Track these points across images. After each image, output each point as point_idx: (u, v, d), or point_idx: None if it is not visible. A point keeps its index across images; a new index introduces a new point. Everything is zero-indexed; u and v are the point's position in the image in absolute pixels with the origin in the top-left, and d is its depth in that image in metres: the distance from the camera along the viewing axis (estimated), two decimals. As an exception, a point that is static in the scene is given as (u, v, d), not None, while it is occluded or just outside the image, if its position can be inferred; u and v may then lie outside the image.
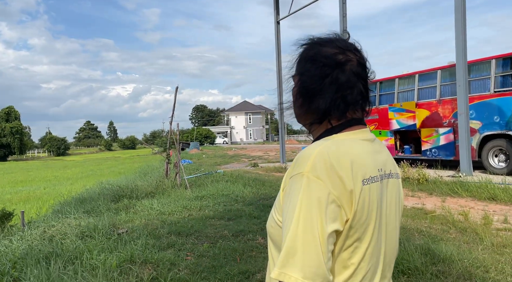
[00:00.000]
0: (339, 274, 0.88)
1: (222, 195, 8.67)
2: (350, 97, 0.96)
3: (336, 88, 0.95)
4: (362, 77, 0.98)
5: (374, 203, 0.90)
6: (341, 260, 0.88)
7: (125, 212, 7.18)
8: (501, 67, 10.65)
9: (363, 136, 0.98)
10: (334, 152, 0.87)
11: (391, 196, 0.99)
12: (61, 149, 72.13)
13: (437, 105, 12.10)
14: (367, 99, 1.01)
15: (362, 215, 0.86)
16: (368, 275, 0.91)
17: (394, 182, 1.02)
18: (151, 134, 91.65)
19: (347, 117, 0.97)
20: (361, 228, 0.87)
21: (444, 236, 5.08)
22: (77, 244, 4.62)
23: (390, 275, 1.03)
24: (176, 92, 11.35)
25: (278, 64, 18.69)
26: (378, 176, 0.93)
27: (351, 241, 0.87)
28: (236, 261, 4.41)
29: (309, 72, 0.98)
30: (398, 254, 1.08)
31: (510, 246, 4.48)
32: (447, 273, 3.72)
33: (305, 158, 0.87)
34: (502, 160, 10.60)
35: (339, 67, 0.95)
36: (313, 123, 1.01)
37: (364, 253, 0.89)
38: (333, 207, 0.82)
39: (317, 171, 0.84)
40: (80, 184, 13.83)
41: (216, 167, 17.86)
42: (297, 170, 0.87)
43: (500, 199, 7.19)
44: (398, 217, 1.03)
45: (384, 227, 0.95)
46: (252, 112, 76.42)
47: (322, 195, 0.82)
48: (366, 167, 0.89)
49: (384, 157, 1.01)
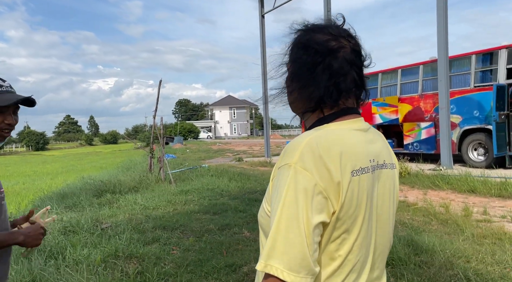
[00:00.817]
0: (326, 266, 0.87)
1: (207, 190, 8.63)
2: (343, 84, 0.93)
3: (329, 76, 0.93)
4: (356, 64, 0.96)
5: (364, 195, 0.88)
6: (328, 252, 0.87)
7: (109, 207, 7.07)
8: (481, 62, 10.90)
9: (356, 125, 0.96)
10: (323, 142, 0.85)
11: (383, 187, 0.97)
12: (40, 144, 70.40)
13: (419, 100, 12.31)
14: (362, 87, 0.99)
15: (350, 207, 0.85)
16: (357, 266, 0.90)
17: (388, 172, 1.00)
18: (134, 129, 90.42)
19: (339, 106, 0.95)
20: (349, 220, 0.86)
21: (426, 228, 5.18)
22: (60, 239, 4.53)
23: (383, 266, 1.02)
24: (159, 86, 11.21)
25: (262, 58, 18.65)
26: (370, 167, 0.91)
27: (339, 233, 0.86)
28: (222, 255, 4.40)
29: (301, 59, 0.96)
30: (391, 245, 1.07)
31: (489, 236, 4.60)
32: (430, 263, 3.79)
33: (294, 149, 0.86)
34: (481, 154, 10.87)
35: (331, 54, 0.93)
36: (306, 111, 0.99)
37: (352, 245, 0.88)
38: (320, 199, 0.81)
39: (305, 162, 0.82)
40: (61, 179, 13.54)
41: (200, 161, 17.77)
42: (285, 160, 0.85)
43: (479, 192, 7.38)
44: (392, 208, 1.01)
45: (375, 218, 0.93)
46: (237, 106, 76.20)
47: (309, 186, 0.81)
48: (356, 158, 0.88)
49: (378, 147, 0.99)
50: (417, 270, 3.65)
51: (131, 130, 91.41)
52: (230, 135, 71.41)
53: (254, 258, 4.21)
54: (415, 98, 12.43)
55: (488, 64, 10.77)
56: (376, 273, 0.98)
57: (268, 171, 12.94)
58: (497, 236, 4.60)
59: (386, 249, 1.01)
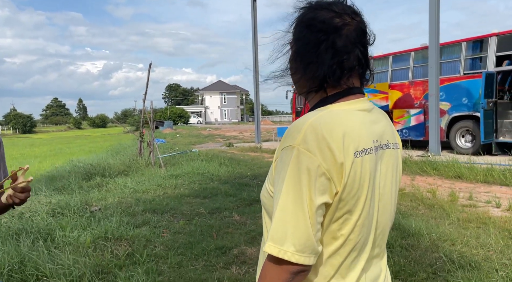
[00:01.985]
0: (328, 245, 0.88)
1: (197, 174, 8.63)
2: (347, 63, 0.92)
3: (333, 54, 0.91)
4: (360, 42, 0.94)
5: (366, 176, 0.89)
6: (331, 231, 0.88)
7: (98, 190, 7.04)
8: (471, 50, 10.96)
9: (359, 106, 0.95)
10: (326, 123, 0.85)
11: (386, 167, 0.97)
12: (27, 127, 69.34)
13: (409, 87, 12.37)
14: (366, 66, 0.97)
15: (352, 188, 0.85)
16: (358, 245, 0.91)
17: (391, 152, 1.00)
18: (123, 113, 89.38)
19: (343, 85, 0.94)
20: (351, 201, 0.86)
21: (413, 212, 5.28)
22: (48, 221, 4.51)
23: (384, 244, 1.03)
24: (149, 69, 11.06)
25: (254, 43, 18.47)
26: (373, 147, 0.91)
27: (341, 213, 0.86)
28: (212, 237, 4.44)
29: (305, 38, 0.94)
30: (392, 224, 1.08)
31: (474, 221, 4.71)
32: (416, 246, 3.88)
33: (297, 130, 0.85)
34: (468, 141, 11.03)
35: (335, 32, 0.92)
36: (309, 91, 0.98)
37: (354, 225, 0.88)
38: (323, 180, 0.82)
39: (308, 143, 0.82)
40: (49, 162, 13.41)
41: (191, 146, 17.71)
42: (288, 142, 0.85)
43: (465, 178, 7.52)
44: (395, 188, 1.02)
45: (377, 198, 0.94)
46: (227, 92, 75.72)
47: (312, 167, 0.81)
48: (359, 139, 0.87)
49: (382, 127, 0.98)
50: (403, 253, 3.73)
51: (120, 114, 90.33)
52: (220, 121, 71.14)
53: (244, 241, 4.26)
54: (405, 85, 12.48)
55: (478, 52, 10.83)
56: (377, 251, 0.99)
57: (258, 156, 12.97)
58: (481, 220, 4.70)
59: (387, 228, 1.03)
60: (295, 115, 18.43)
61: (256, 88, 19.09)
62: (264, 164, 10.57)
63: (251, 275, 3.43)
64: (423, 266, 3.40)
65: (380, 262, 1.03)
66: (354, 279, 0.92)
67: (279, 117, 74.99)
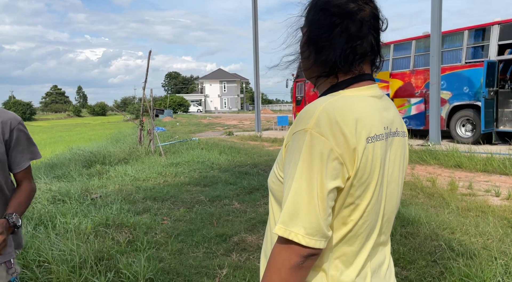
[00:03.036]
0: (337, 230, 0.88)
1: (197, 162, 8.64)
2: (360, 48, 0.92)
3: (346, 39, 0.91)
4: (374, 28, 0.94)
5: (377, 162, 0.88)
6: (341, 217, 0.88)
7: (98, 178, 7.05)
8: (473, 38, 10.87)
9: (370, 92, 0.94)
10: (339, 108, 0.85)
11: (395, 154, 0.97)
12: (26, 114, 69.11)
13: (410, 76, 12.31)
14: (378, 53, 0.97)
15: (364, 173, 0.85)
16: (366, 231, 0.91)
17: (399, 140, 1.00)
18: (123, 101, 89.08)
19: (354, 72, 0.94)
20: (362, 186, 0.86)
21: (413, 201, 5.30)
22: (49, 208, 4.52)
23: (389, 231, 1.03)
24: (149, 57, 10.99)
25: (254, 31, 18.31)
26: (384, 134, 0.91)
27: (352, 199, 0.86)
28: (213, 225, 4.46)
29: (318, 22, 0.93)
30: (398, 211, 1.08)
31: (474, 209, 4.72)
32: (415, 234, 3.90)
33: (309, 114, 0.85)
34: (468, 130, 11.02)
35: (350, 17, 0.91)
36: (320, 76, 0.96)
37: (364, 211, 0.88)
38: (335, 164, 0.81)
39: (321, 127, 0.82)
40: (49, 150, 13.40)
41: (190, 135, 17.71)
42: (301, 126, 0.85)
43: (465, 167, 7.53)
44: (401, 176, 1.02)
45: (386, 185, 0.94)
46: (227, 80, 75.34)
47: (324, 151, 0.81)
48: (371, 125, 0.87)
49: (392, 114, 0.98)
50: (403, 241, 3.75)
51: (120, 102, 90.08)
52: (220, 109, 70.97)
53: (244, 229, 4.28)
54: (406, 74, 12.42)
55: (480, 40, 10.74)
56: (383, 238, 1.00)
57: (258, 145, 12.97)
58: (481, 209, 4.72)
59: (393, 215, 1.03)
60: (295, 104, 18.37)
61: (256, 77, 18.99)
62: (264, 153, 10.58)
63: (251, 262, 3.45)
64: (422, 254, 3.42)
65: (384, 249, 1.03)
66: (360, 265, 0.92)
67: (279, 106, 74.81)
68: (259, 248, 3.76)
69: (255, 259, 3.52)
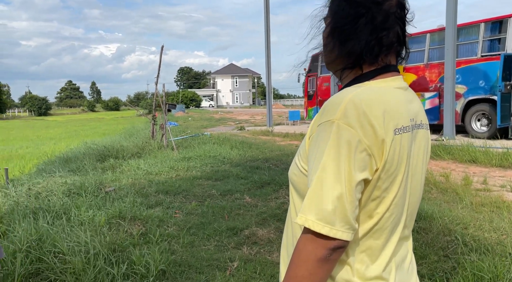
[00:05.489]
0: (363, 223, 0.87)
1: (209, 157, 8.68)
2: (385, 39, 0.89)
3: (372, 29, 0.88)
4: (400, 18, 0.91)
5: (404, 154, 0.87)
6: (368, 210, 0.86)
7: (112, 172, 7.15)
8: (489, 31, 10.64)
9: (396, 84, 0.93)
10: (367, 99, 0.83)
11: (419, 146, 0.96)
12: (42, 109, 70.42)
13: (424, 69, 12.13)
14: (404, 43, 0.95)
15: (391, 166, 0.84)
16: (392, 224, 0.90)
17: (423, 132, 0.99)
18: (136, 96, 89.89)
19: (379, 62, 0.92)
20: (389, 179, 0.85)
21: (426, 196, 5.25)
22: (64, 201, 4.61)
23: (412, 225, 1.02)
24: (161, 52, 11.04)
25: (266, 25, 18.24)
26: (410, 126, 0.90)
27: (379, 192, 0.85)
28: (224, 219, 4.49)
29: (343, 12, 0.91)
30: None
31: (488, 205, 4.66)
32: (428, 230, 3.86)
33: (336, 105, 0.83)
34: (484, 124, 10.83)
35: (376, 6, 0.89)
36: (345, 68, 0.94)
37: (390, 203, 0.87)
38: (364, 156, 0.80)
39: (348, 118, 0.80)
40: (64, 144, 13.62)
41: (202, 129, 17.80)
42: (327, 117, 0.83)
43: (480, 162, 7.41)
44: (424, 168, 1.01)
45: (410, 178, 0.93)
46: (239, 75, 75.31)
47: (352, 142, 0.79)
48: (398, 117, 0.86)
49: (416, 106, 0.97)
50: (415, 236, 3.72)
51: (133, 97, 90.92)
52: (232, 104, 71.04)
53: (255, 222, 4.30)
54: (420, 68, 12.24)
55: (496, 33, 10.51)
56: (406, 232, 0.98)
57: (269, 140, 12.97)
58: (495, 204, 4.65)
59: (416, 209, 1.01)
60: (307, 98, 18.28)
61: (268, 72, 18.94)
62: (275, 147, 10.58)
63: (262, 255, 3.47)
64: (435, 249, 3.40)
65: (407, 243, 1.02)
66: (386, 259, 0.91)
67: (290, 101, 74.57)
68: (270, 241, 3.78)
69: (266, 252, 3.54)
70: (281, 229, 3.94)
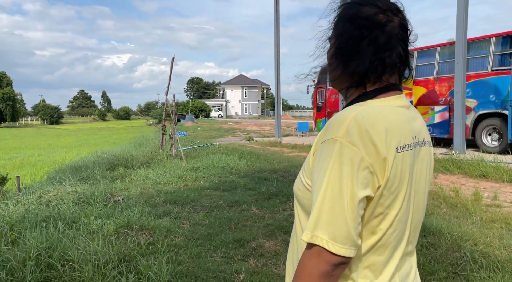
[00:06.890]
0: (366, 239, 0.89)
1: (217, 167, 8.72)
2: (388, 59, 0.93)
3: (375, 50, 0.92)
4: (402, 39, 0.94)
5: (407, 171, 0.89)
6: (370, 227, 0.88)
7: (121, 181, 7.22)
8: (500, 45, 10.59)
9: (398, 102, 0.95)
10: (369, 118, 0.85)
11: (422, 163, 0.98)
12: (54, 118, 71.46)
13: (434, 83, 12.08)
14: (406, 63, 0.98)
15: (394, 183, 0.86)
16: (395, 240, 0.91)
17: (426, 150, 1.01)
18: (146, 106, 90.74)
19: (382, 81, 0.94)
20: (391, 196, 0.87)
21: (435, 211, 5.19)
22: (74, 210, 4.67)
23: (416, 241, 1.04)
24: (172, 63, 11.19)
25: (276, 37, 18.39)
26: (412, 144, 0.92)
27: (382, 209, 0.87)
28: (231, 230, 4.49)
29: (347, 33, 0.94)
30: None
31: (498, 221, 4.59)
32: (437, 245, 3.82)
33: (339, 123, 0.85)
34: (495, 139, 10.71)
35: (379, 28, 0.92)
36: (350, 87, 0.97)
37: (393, 220, 0.89)
38: (366, 174, 0.82)
39: (351, 136, 0.82)
40: (75, 153, 13.80)
41: (211, 140, 17.88)
42: (330, 135, 0.85)
43: (491, 177, 7.32)
44: (427, 185, 1.03)
45: (413, 195, 0.95)
46: (248, 86, 75.69)
47: (355, 160, 0.81)
48: (400, 135, 0.88)
49: (419, 124, 0.99)
50: (424, 251, 3.69)
51: (143, 106, 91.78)
52: (241, 115, 71.29)
53: (262, 234, 4.30)
54: (430, 81, 12.20)
55: (508, 47, 10.46)
56: (410, 248, 1.00)
57: (278, 151, 12.97)
58: (506, 220, 4.59)
59: (419, 225, 1.03)
60: (316, 110, 18.29)
61: (277, 83, 19.03)
62: (283, 159, 10.57)
63: (268, 267, 3.47)
64: (443, 265, 3.36)
65: (411, 259, 1.03)
66: (389, 275, 0.92)
67: (299, 112, 74.57)
68: (277, 254, 3.77)
69: (272, 265, 3.53)
70: (288, 241, 3.93)
